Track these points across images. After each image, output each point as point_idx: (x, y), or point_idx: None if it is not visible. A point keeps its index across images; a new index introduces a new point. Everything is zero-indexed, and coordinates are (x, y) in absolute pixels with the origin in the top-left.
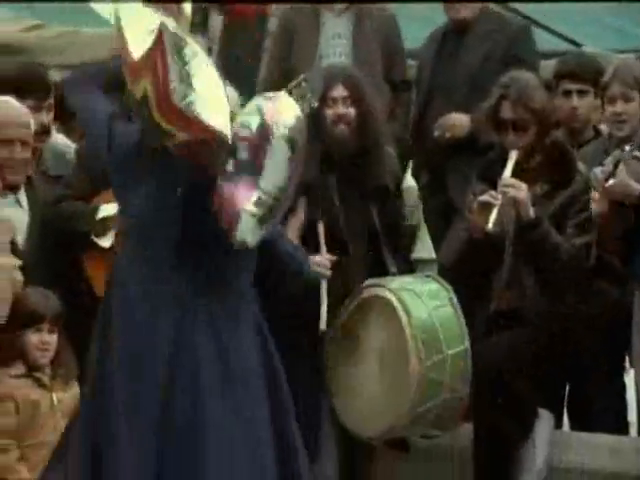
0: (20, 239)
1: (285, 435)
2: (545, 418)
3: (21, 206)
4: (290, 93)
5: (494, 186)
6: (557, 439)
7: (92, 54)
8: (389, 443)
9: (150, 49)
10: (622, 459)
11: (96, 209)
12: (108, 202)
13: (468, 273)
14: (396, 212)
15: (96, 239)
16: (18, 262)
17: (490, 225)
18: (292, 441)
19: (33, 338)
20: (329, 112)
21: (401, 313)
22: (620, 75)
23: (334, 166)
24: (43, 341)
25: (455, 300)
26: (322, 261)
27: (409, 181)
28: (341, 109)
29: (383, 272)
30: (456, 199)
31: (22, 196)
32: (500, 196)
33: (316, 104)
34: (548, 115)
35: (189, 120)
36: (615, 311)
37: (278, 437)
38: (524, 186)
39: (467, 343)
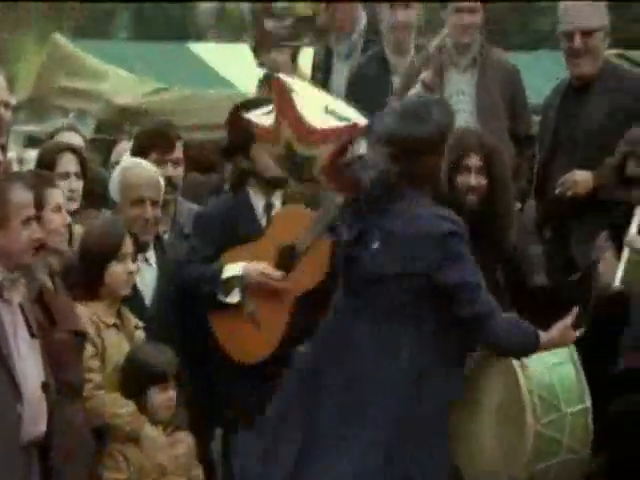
0: (148, 297)
1: None
2: None
3: (149, 264)
4: None
5: (621, 243)
6: None
7: (214, 115)
8: None
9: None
10: None
11: (220, 270)
12: (233, 261)
13: (595, 329)
14: (521, 269)
15: (223, 298)
16: (139, 323)
17: (617, 282)
18: None
19: (160, 396)
20: (461, 180)
21: (517, 368)
22: None
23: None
24: (169, 398)
25: (576, 357)
26: None
27: None
28: (473, 180)
29: None
30: (579, 256)
31: (151, 254)
32: (626, 253)
33: None
34: None
35: (326, 131)
36: None
37: None
38: None
39: (588, 402)
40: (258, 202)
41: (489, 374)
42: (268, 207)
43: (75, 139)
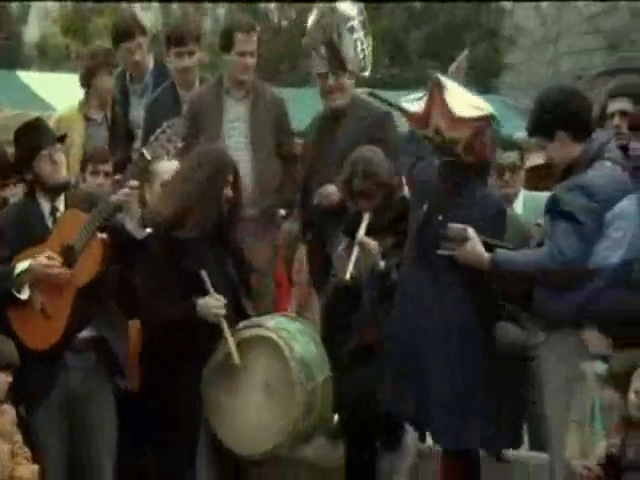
0: None
1: None
2: (410, 431)
3: None
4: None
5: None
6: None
7: None
8: None
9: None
10: None
11: (14, 268)
12: (23, 260)
13: (335, 314)
14: (248, 264)
15: (16, 294)
16: None
17: (347, 275)
18: None
19: (4, 381)
20: (225, 192)
21: (284, 348)
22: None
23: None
24: (7, 382)
25: (316, 335)
26: (214, 302)
27: None
28: (230, 192)
29: (244, 315)
30: (332, 253)
31: None
32: (355, 250)
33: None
34: (391, 183)
35: (467, 120)
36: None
37: None
38: (373, 243)
39: (328, 372)
40: (45, 206)
41: (252, 355)
42: (53, 210)
43: None
